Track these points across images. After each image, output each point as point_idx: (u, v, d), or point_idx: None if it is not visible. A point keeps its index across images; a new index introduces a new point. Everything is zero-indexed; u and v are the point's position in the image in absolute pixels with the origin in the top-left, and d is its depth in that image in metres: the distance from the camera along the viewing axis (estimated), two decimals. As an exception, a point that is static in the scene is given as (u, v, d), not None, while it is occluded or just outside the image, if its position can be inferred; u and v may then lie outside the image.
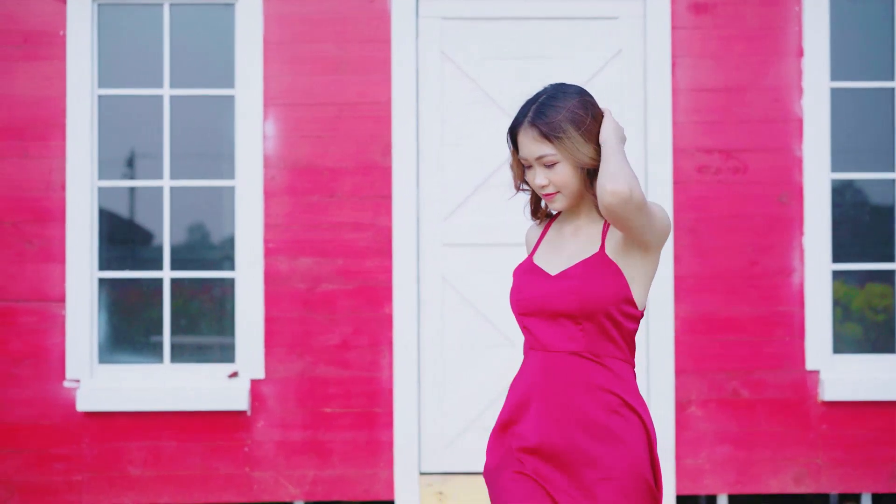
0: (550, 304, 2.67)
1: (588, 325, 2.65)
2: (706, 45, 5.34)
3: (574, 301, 2.64)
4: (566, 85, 2.73)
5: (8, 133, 5.26)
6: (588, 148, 2.64)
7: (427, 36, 5.36)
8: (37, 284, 5.25)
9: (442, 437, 5.30)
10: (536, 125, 2.65)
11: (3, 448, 5.23)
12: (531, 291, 2.71)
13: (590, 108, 2.67)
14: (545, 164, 2.66)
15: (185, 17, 5.39)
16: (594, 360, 2.66)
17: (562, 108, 2.65)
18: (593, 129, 2.65)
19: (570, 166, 2.66)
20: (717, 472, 5.28)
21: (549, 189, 2.69)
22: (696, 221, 5.31)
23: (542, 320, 2.70)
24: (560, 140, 2.63)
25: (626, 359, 2.70)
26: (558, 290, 2.66)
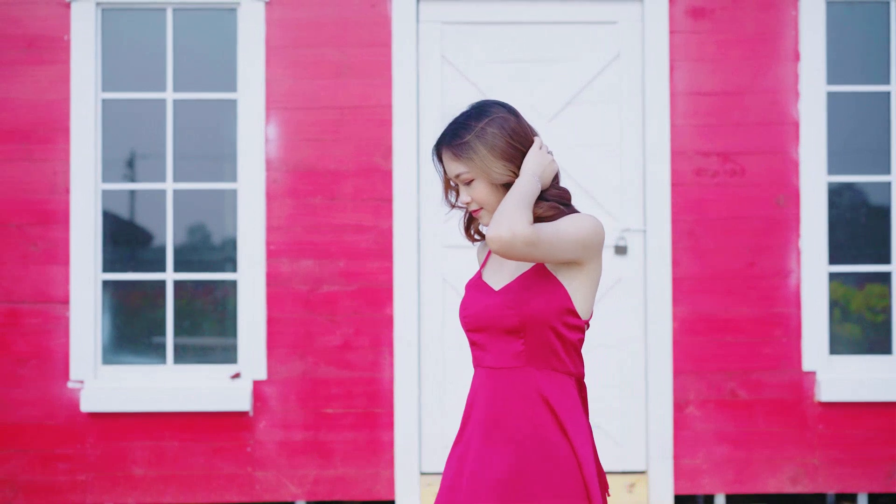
0: (494, 319, 2.68)
1: (530, 339, 2.65)
2: (704, 49, 5.40)
3: (515, 315, 2.65)
4: (487, 104, 2.75)
5: (13, 136, 5.32)
6: (499, 165, 2.66)
7: (427, 40, 5.41)
8: (41, 286, 5.30)
9: (442, 437, 5.35)
10: (451, 145, 2.70)
11: (8, 448, 5.28)
12: (476, 307, 2.73)
13: (507, 126, 2.69)
14: (464, 181, 2.70)
15: (188, 22, 5.45)
16: (535, 374, 2.66)
17: (474, 128, 2.68)
18: (508, 149, 2.67)
19: (486, 184, 2.69)
20: (714, 472, 5.33)
21: (473, 206, 2.73)
22: (694, 223, 5.36)
23: (488, 336, 2.70)
24: (471, 159, 2.67)
25: (568, 371, 2.69)
26: (500, 304, 2.68)
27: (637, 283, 5.39)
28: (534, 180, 2.64)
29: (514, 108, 2.76)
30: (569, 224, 2.64)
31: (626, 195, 5.40)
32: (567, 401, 2.67)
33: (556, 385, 2.67)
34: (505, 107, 2.75)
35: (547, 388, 2.66)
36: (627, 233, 5.38)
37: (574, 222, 2.64)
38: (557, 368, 2.68)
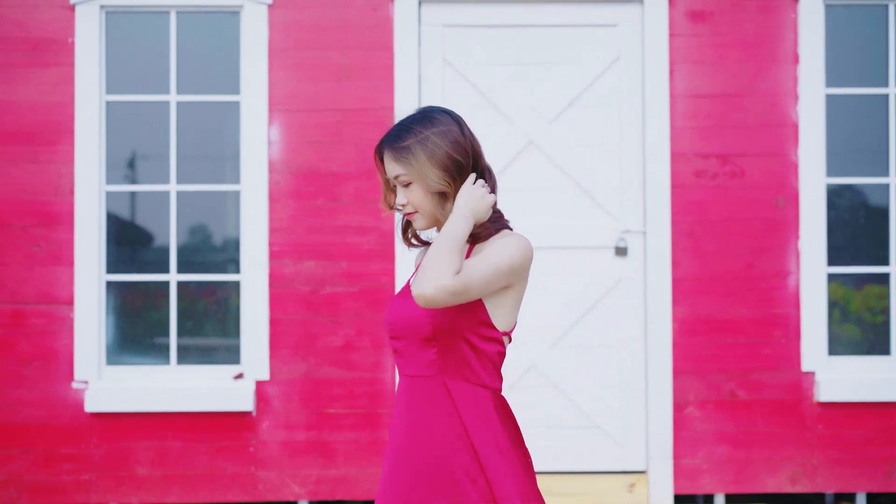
0: (411, 327, 2.70)
1: (443, 349, 2.67)
2: (703, 52, 5.44)
3: (429, 324, 2.66)
4: (434, 110, 2.76)
5: (18, 138, 5.36)
6: (436, 174, 2.66)
7: (429, 43, 5.45)
8: (46, 287, 5.34)
9: (444, 438, 5.38)
10: (392, 146, 2.70)
11: (13, 448, 5.31)
12: (397, 315, 2.74)
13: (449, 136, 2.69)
14: (402, 183, 2.70)
15: (192, 24, 5.49)
16: (446, 384, 2.68)
17: (417, 133, 2.68)
18: (446, 160, 2.67)
19: (422, 189, 2.69)
20: (714, 472, 5.37)
21: (408, 208, 2.72)
22: (693, 225, 5.40)
23: (406, 344, 2.72)
24: (409, 163, 2.67)
25: (482, 383, 2.69)
26: (417, 313, 2.68)
27: (637, 283, 5.42)
28: (465, 221, 2.63)
29: (460, 118, 2.76)
30: (498, 254, 2.64)
31: (627, 196, 5.44)
32: (478, 412, 2.67)
33: (468, 396, 2.67)
34: (451, 116, 2.75)
35: (458, 399, 2.67)
36: (627, 234, 5.42)
37: (503, 251, 2.64)
38: (470, 380, 2.68)
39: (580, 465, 5.40)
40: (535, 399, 5.41)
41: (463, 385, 2.68)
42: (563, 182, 5.45)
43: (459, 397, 2.67)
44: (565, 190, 5.45)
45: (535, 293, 5.42)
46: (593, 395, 5.42)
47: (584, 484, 5.35)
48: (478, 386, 2.68)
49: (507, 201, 5.44)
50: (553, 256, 5.43)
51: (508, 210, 5.39)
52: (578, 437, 5.41)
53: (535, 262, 5.43)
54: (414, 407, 2.70)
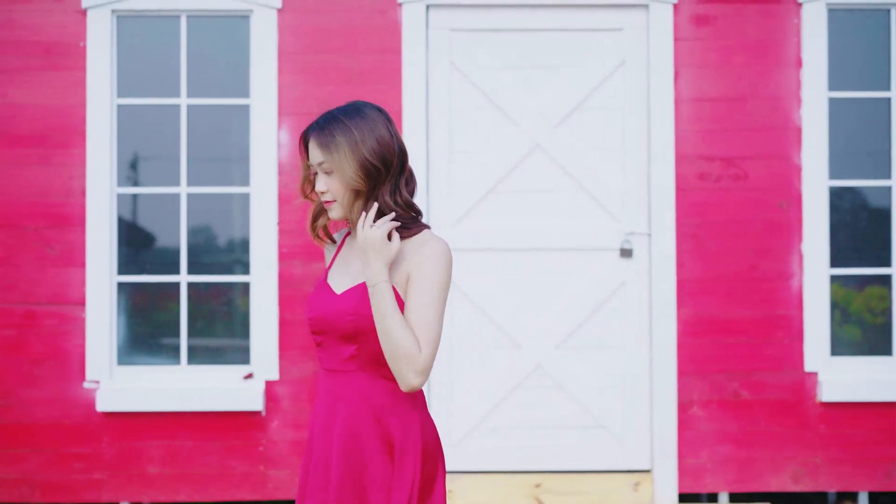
0: (332, 323, 2.71)
1: (363, 346, 2.70)
2: (708, 56, 5.50)
3: (351, 322, 2.68)
4: (366, 106, 2.77)
5: (30, 141, 5.42)
6: (353, 169, 2.68)
7: (437, 47, 5.51)
8: (57, 288, 5.40)
9: (450, 437, 5.45)
10: (319, 133, 2.72)
11: (25, 447, 5.38)
12: (318, 310, 2.75)
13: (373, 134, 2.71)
14: (324, 170, 2.71)
15: (202, 29, 5.55)
16: (366, 381, 2.71)
17: (344, 125, 2.70)
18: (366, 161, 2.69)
19: (339, 181, 2.71)
20: (718, 471, 5.44)
21: (328, 196, 2.73)
22: (697, 227, 5.46)
23: (328, 339, 2.74)
24: (331, 152, 2.68)
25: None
26: (339, 309, 2.70)
27: (642, 285, 5.49)
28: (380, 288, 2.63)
29: (389, 118, 2.77)
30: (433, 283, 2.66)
31: (631, 199, 5.50)
32: (394, 409, 2.71)
33: (385, 392, 2.71)
34: (381, 114, 2.76)
35: (376, 396, 2.70)
36: (632, 236, 5.48)
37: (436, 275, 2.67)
38: (388, 377, 2.71)
39: (585, 464, 5.46)
40: (541, 399, 5.48)
41: (381, 382, 2.71)
42: (568, 184, 5.52)
43: (376, 393, 2.71)
44: (570, 192, 5.52)
45: (540, 294, 5.49)
46: (598, 395, 5.48)
47: (590, 483, 5.41)
48: (395, 382, 2.71)
49: (513, 203, 5.51)
50: (558, 258, 5.49)
51: (514, 212, 5.47)
52: (583, 437, 5.47)
53: (542, 264, 5.51)
54: (333, 401, 2.73)
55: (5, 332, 5.39)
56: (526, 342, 5.48)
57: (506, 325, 5.48)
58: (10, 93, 5.43)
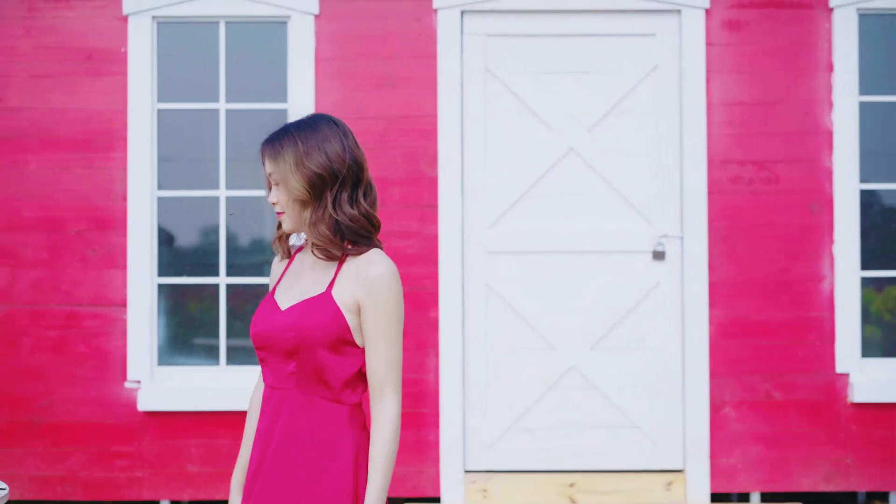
0: (274, 339, 2.69)
1: (302, 363, 2.66)
2: (739, 61, 5.56)
3: (291, 338, 2.66)
4: (321, 120, 2.76)
5: (73, 145, 5.52)
6: (298, 182, 2.67)
7: (472, 52, 5.59)
8: (99, 289, 5.50)
9: (486, 437, 5.53)
10: (269, 145, 2.71)
11: (69, 445, 5.48)
12: (262, 326, 2.73)
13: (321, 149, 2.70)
14: (274, 181, 2.71)
15: (240, 34, 5.64)
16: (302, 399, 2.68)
17: (294, 138, 2.70)
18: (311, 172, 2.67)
19: (285, 192, 2.70)
20: (750, 471, 5.50)
21: (278, 207, 2.73)
22: (729, 230, 5.53)
23: (271, 355, 2.72)
24: (277, 164, 2.68)
25: (337, 399, 2.68)
26: (281, 325, 2.68)
27: (674, 287, 5.55)
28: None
29: (346, 131, 2.76)
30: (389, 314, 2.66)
31: (664, 202, 5.57)
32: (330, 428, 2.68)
33: (321, 411, 2.68)
34: (337, 127, 2.75)
35: (311, 413, 2.67)
36: (665, 239, 5.55)
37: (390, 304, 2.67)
38: (326, 396, 2.68)
39: (619, 464, 5.53)
40: (575, 400, 5.55)
41: (318, 400, 2.68)
42: (601, 188, 5.59)
43: (312, 411, 2.67)
44: (604, 195, 5.59)
45: (574, 296, 5.57)
46: (632, 395, 5.55)
47: (623, 482, 5.48)
48: (334, 402, 2.68)
49: (547, 206, 5.58)
50: (592, 260, 5.56)
51: (548, 215, 5.54)
52: (617, 437, 5.54)
53: (575, 266, 5.58)
54: (272, 418, 2.71)
55: (49, 333, 5.49)
56: (560, 343, 5.55)
57: (540, 326, 5.55)
58: (54, 98, 5.53)
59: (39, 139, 5.53)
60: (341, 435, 2.68)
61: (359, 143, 2.78)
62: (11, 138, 5.52)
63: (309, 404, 2.68)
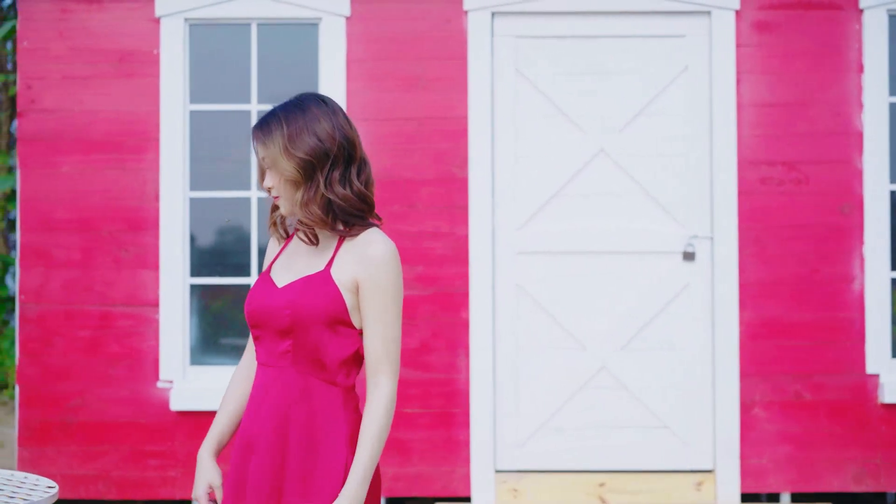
0: (270, 317, 2.68)
1: (298, 342, 2.66)
2: (769, 62, 5.57)
3: (287, 316, 2.65)
4: (308, 99, 2.73)
5: (106, 147, 5.56)
6: (288, 164, 2.66)
7: (502, 54, 5.61)
8: (132, 290, 5.54)
9: (516, 437, 5.55)
10: (258, 129, 2.71)
11: (102, 444, 5.52)
12: (257, 303, 2.72)
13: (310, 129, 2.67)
14: (266, 165, 2.70)
15: (272, 36, 5.67)
16: (297, 377, 2.67)
17: (281, 120, 2.68)
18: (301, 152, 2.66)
19: (277, 174, 2.69)
20: (780, 471, 5.51)
21: (274, 192, 2.71)
22: (759, 231, 5.54)
23: (266, 333, 2.71)
24: (266, 147, 2.68)
25: (332, 381, 2.67)
26: (277, 303, 2.67)
27: (704, 288, 5.57)
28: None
29: (336, 109, 2.72)
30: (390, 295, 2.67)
31: (694, 203, 5.58)
32: (324, 409, 2.67)
33: (316, 391, 2.67)
34: (327, 106, 2.71)
35: (305, 393, 2.67)
36: (695, 239, 5.57)
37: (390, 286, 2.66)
38: (320, 376, 2.67)
39: (649, 464, 5.55)
40: (605, 400, 5.57)
41: (312, 380, 2.67)
42: (632, 188, 5.60)
43: (307, 391, 2.67)
44: (634, 196, 5.60)
45: (604, 297, 5.58)
46: (662, 396, 5.57)
47: (653, 482, 5.50)
48: (328, 383, 2.68)
49: (577, 207, 5.60)
50: (622, 261, 5.58)
51: (579, 216, 5.56)
52: (647, 437, 5.56)
53: (605, 266, 5.60)
54: (265, 396, 2.69)
55: (82, 333, 5.53)
56: (590, 344, 5.57)
57: (570, 326, 5.57)
58: (87, 99, 5.57)
59: (73, 140, 5.57)
60: (335, 417, 2.67)
61: (349, 119, 2.75)
62: (45, 140, 5.57)
63: (303, 384, 2.67)
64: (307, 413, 2.67)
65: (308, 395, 2.67)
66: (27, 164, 5.57)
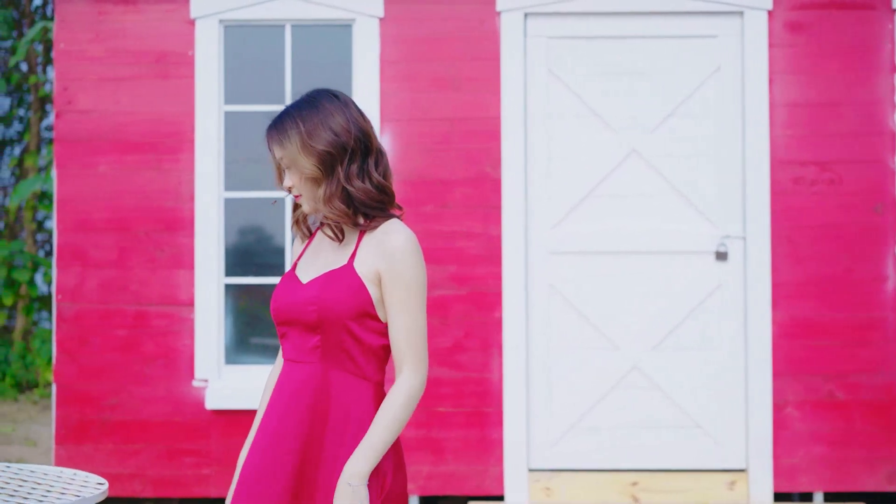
0: (296, 313, 2.69)
1: (326, 337, 2.67)
2: (802, 62, 5.58)
3: (313, 311, 2.65)
4: (320, 95, 2.74)
5: (141, 147, 5.61)
6: (307, 161, 2.67)
7: (534, 54, 5.64)
8: (168, 289, 5.58)
9: (549, 436, 5.58)
10: (273, 131, 2.73)
11: (138, 443, 5.56)
12: (283, 300, 2.73)
13: (325, 125, 2.68)
14: (285, 165, 2.71)
15: (306, 37, 5.71)
16: (327, 373, 2.67)
17: (296, 119, 2.70)
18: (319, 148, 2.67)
19: (298, 173, 2.70)
20: (813, 471, 5.52)
21: (294, 191, 2.73)
22: (792, 230, 5.55)
23: (293, 330, 2.71)
24: (285, 148, 2.69)
25: (363, 375, 2.68)
26: (303, 299, 2.68)
27: (737, 288, 5.58)
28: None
29: (348, 102, 2.73)
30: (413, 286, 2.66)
31: (726, 203, 5.59)
32: (355, 404, 2.68)
33: (346, 387, 2.68)
34: (338, 101, 2.73)
35: (336, 389, 2.67)
36: (727, 239, 5.58)
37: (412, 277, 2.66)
38: (350, 370, 2.68)
39: (681, 463, 5.56)
40: (638, 399, 5.58)
41: (343, 375, 2.67)
42: (664, 189, 5.62)
43: (337, 387, 2.67)
44: (666, 196, 5.62)
45: (637, 296, 5.60)
46: (694, 395, 5.58)
47: (686, 481, 5.52)
48: (358, 377, 2.68)
49: (609, 207, 5.62)
50: (655, 261, 5.60)
51: (611, 216, 5.58)
52: (680, 437, 5.57)
53: (638, 266, 5.61)
54: (291, 392, 2.69)
55: (118, 332, 5.58)
56: (623, 343, 5.59)
57: (602, 326, 5.59)
58: (123, 100, 5.61)
59: (109, 141, 5.62)
60: (366, 410, 2.67)
61: (363, 112, 2.76)
62: (82, 140, 5.61)
63: (333, 378, 2.68)
64: (337, 408, 2.67)
65: (338, 389, 2.68)
66: (64, 165, 5.62)
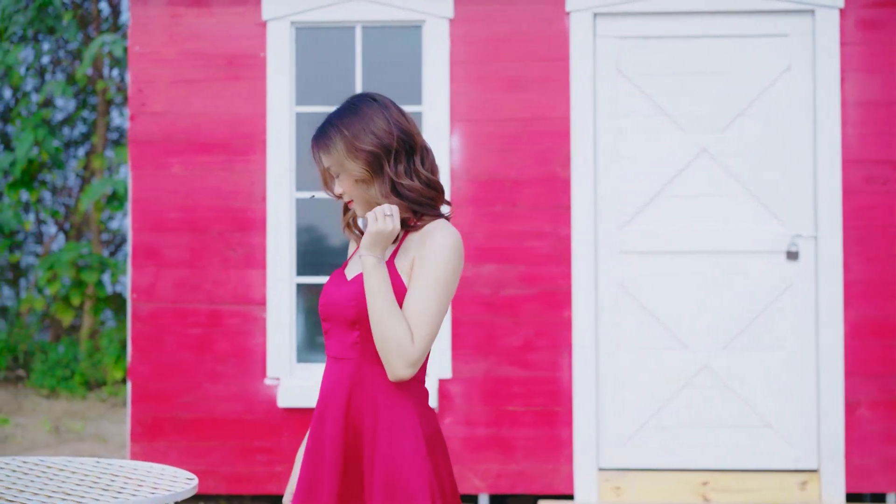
0: (338, 309, 2.72)
1: (366, 334, 2.68)
2: (874, 60, 5.55)
3: (353, 307, 2.69)
4: (361, 100, 2.79)
5: (214, 148, 5.67)
6: (355, 165, 2.71)
7: (603, 54, 5.64)
8: (240, 289, 5.65)
9: (618, 435, 5.58)
10: (318, 140, 2.77)
11: (211, 440, 5.63)
12: (328, 297, 2.77)
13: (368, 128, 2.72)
14: (334, 173, 2.75)
15: (376, 38, 5.75)
16: (367, 368, 2.69)
17: (338, 126, 2.75)
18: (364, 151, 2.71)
19: (348, 178, 2.73)
20: (885, 472, 5.49)
21: (346, 196, 2.77)
22: (864, 230, 5.52)
23: (334, 326, 2.74)
24: (331, 155, 2.73)
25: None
26: (344, 296, 2.72)
27: (808, 287, 5.55)
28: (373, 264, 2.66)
29: (388, 104, 2.77)
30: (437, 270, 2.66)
31: (797, 202, 5.57)
32: (393, 400, 2.69)
33: (385, 382, 2.69)
34: (378, 103, 2.77)
35: (374, 384, 2.69)
36: (798, 239, 5.56)
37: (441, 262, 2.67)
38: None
39: (752, 463, 5.55)
40: (708, 399, 5.58)
41: (381, 370, 2.68)
42: (734, 188, 5.61)
43: (376, 383, 2.69)
44: (736, 196, 5.60)
45: (706, 296, 5.59)
46: (765, 395, 5.57)
47: (756, 481, 5.50)
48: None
49: (679, 207, 5.62)
50: (725, 260, 5.59)
51: (680, 215, 5.57)
52: (750, 436, 5.56)
53: (708, 266, 5.60)
54: (334, 389, 2.72)
55: (192, 331, 5.65)
56: (692, 343, 5.59)
57: (672, 326, 5.59)
58: (196, 102, 5.68)
59: (182, 142, 5.69)
60: (403, 407, 2.70)
61: (404, 112, 2.79)
62: (156, 141, 5.69)
63: (372, 374, 2.69)
64: (378, 403, 2.69)
65: (376, 386, 2.69)
66: (138, 166, 5.70)
